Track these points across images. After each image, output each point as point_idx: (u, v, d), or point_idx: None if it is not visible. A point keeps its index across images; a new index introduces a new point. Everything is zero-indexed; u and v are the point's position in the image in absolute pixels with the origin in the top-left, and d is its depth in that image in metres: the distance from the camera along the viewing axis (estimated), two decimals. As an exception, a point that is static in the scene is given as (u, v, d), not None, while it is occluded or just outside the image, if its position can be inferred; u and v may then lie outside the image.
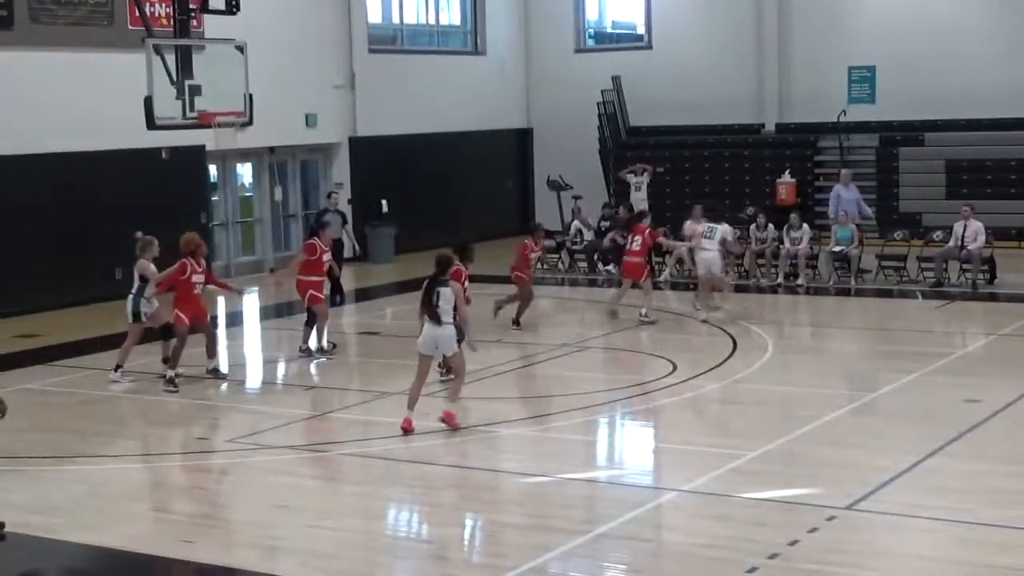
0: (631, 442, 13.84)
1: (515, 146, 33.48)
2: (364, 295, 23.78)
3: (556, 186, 29.21)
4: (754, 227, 23.58)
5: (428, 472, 12.09)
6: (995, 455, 12.06)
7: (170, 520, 10.95)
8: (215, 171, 26.00)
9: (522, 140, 33.66)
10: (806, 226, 23.20)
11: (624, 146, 31.02)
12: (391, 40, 30.90)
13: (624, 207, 24.54)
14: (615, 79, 31.42)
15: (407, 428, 13.00)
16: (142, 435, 14.09)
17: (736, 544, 9.65)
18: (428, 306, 13.00)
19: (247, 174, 27.42)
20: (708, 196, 28.63)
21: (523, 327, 18.85)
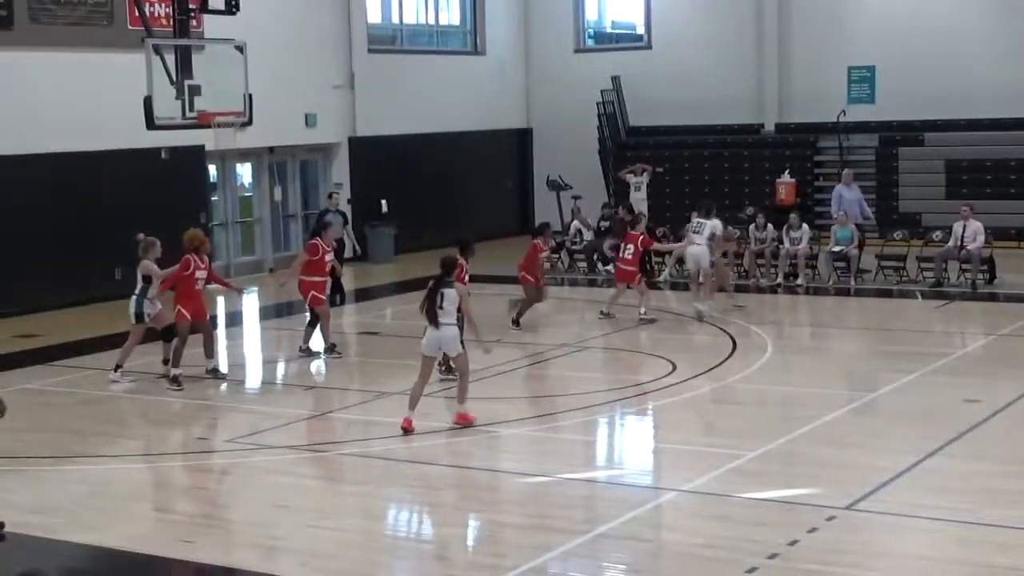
0: (631, 442, 13.84)
1: (515, 146, 33.47)
2: (364, 295, 23.78)
3: (556, 186, 29.20)
4: (753, 227, 23.60)
5: (428, 472, 12.09)
6: (995, 455, 12.07)
7: (170, 520, 10.95)
8: (215, 171, 25.99)
9: (522, 140, 33.66)
10: (806, 226, 23.21)
11: (624, 146, 31.02)
12: (391, 40, 30.90)
13: (624, 207, 24.51)
14: (615, 79, 31.42)
15: (407, 428, 13.00)
16: (142, 435, 14.09)
17: (736, 544, 9.65)
18: (431, 307, 13.01)
19: (247, 174, 27.42)
20: (708, 196, 28.67)
21: (523, 328, 18.86)
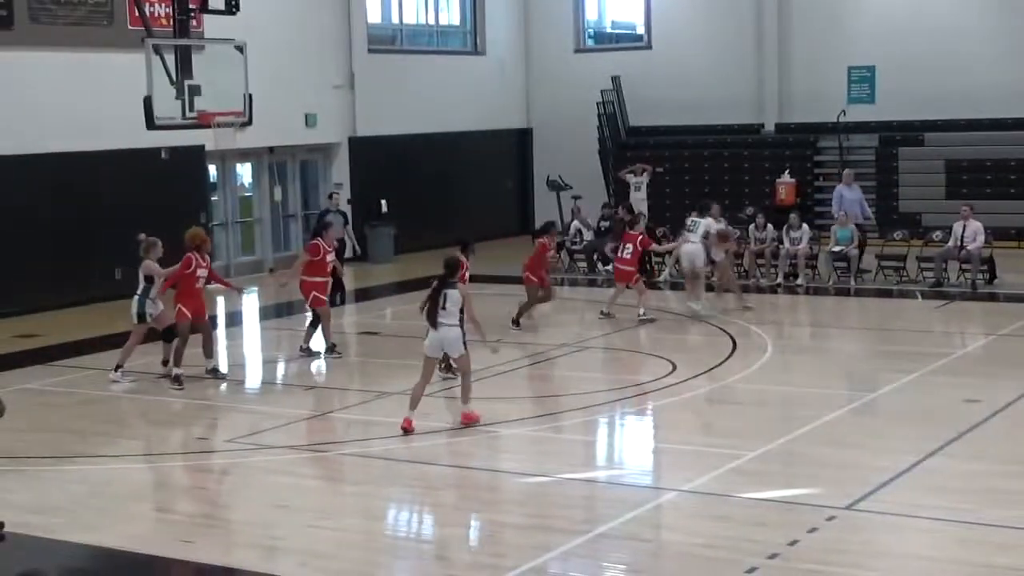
0: (631, 442, 13.84)
1: (515, 146, 33.48)
2: (364, 295, 23.78)
3: (556, 186, 29.19)
4: (753, 227, 23.59)
5: (428, 472, 12.09)
6: (995, 455, 12.07)
7: (170, 520, 10.95)
8: (215, 171, 25.99)
9: (522, 140, 33.66)
10: (805, 226, 23.21)
11: (624, 146, 31.02)
12: (391, 40, 30.90)
13: (624, 207, 24.51)
14: (615, 79, 31.42)
15: (407, 428, 13.00)
16: (142, 435, 14.09)
17: (736, 544, 9.65)
18: (432, 308, 13.03)
19: (247, 174, 27.42)
20: (708, 196, 28.68)
21: (523, 328, 18.85)
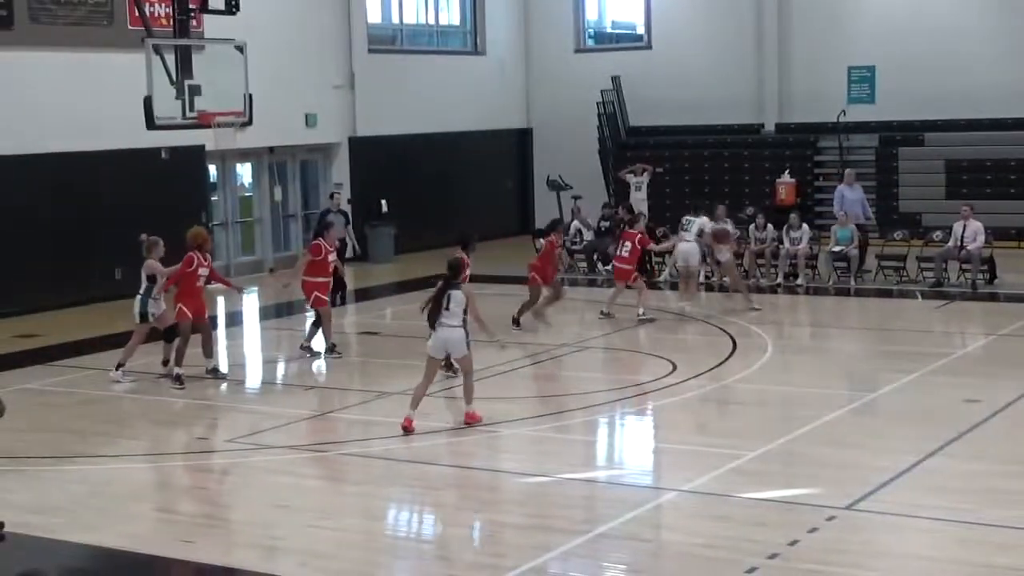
0: (631, 442, 13.84)
1: (515, 146, 33.48)
2: (364, 295, 23.77)
3: (556, 186, 29.19)
4: (753, 227, 23.59)
5: (428, 472, 12.09)
6: (995, 455, 12.07)
7: (170, 520, 10.95)
8: (215, 171, 26.00)
9: (522, 140, 33.66)
10: (806, 226, 23.21)
11: (624, 146, 31.02)
12: (391, 40, 30.90)
13: (624, 207, 24.52)
14: (615, 79, 31.42)
15: (407, 427, 13.00)
16: (142, 435, 14.06)
17: (736, 544, 9.65)
18: (435, 309, 13.07)
19: (247, 174, 27.42)
20: (708, 196, 28.67)
21: (523, 328, 18.81)
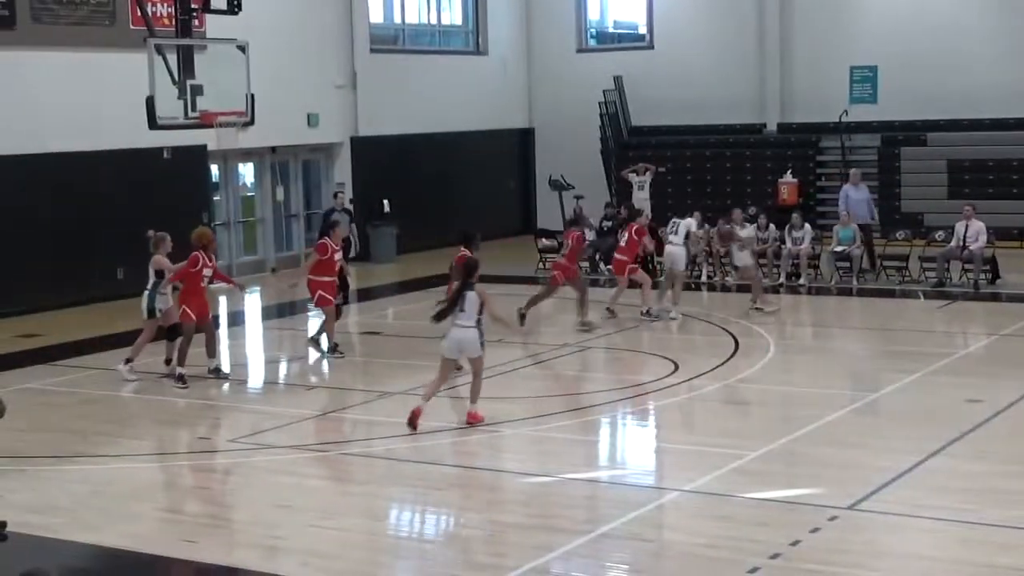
0: (633, 442, 13.84)
1: (517, 146, 33.47)
2: (366, 295, 23.76)
3: (558, 186, 29.17)
4: (756, 227, 23.57)
5: (430, 472, 12.08)
6: (997, 455, 12.06)
7: (172, 520, 10.95)
8: (217, 171, 26.00)
9: (524, 140, 33.65)
10: (808, 226, 23.23)
11: (626, 146, 31.01)
12: (392, 40, 30.90)
13: (625, 206, 24.50)
14: (617, 79, 31.41)
15: (415, 414, 12.99)
16: (144, 435, 14.05)
17: (738, 544, 9.64)
18: (447, 309, 13.18)
19: (249, 174, 27.44)
20: (710, 196, 28.72)
21: (526, 325, 18.53)
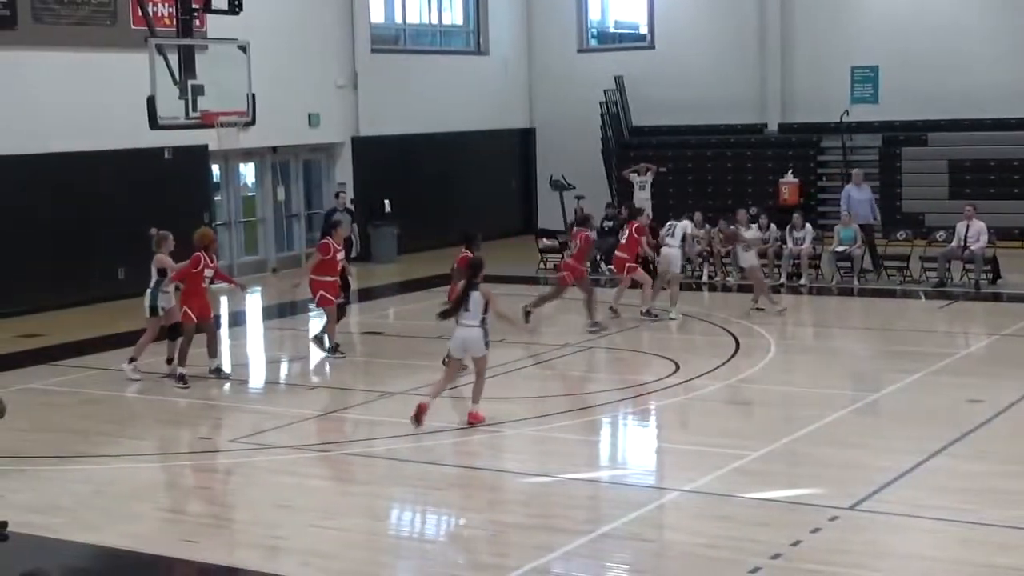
0: (634, 442, 13.85)
1: (518, 146, 33.46)
2: (367, 295, 23.76)
3: (559, 186, 29.20)
4: (756, 227, 23.53)
5: (431, 472, 12.09)
6: (997, 455, 12.06)
7: (173, 520, 10.95)
8: (218, 171, 25.99)
9: (525, 140, 33.64)
10: (809, 226, 23.23)
11: (627, 146, 31.00)
12: (394, 40, 30.90)
13: (626, 206, 24.50)
14: (618, 79, 31.41)
15: (421, 409, 13.01)
16: (145, 435, 14.05)
17: (739, 544, 9.65)
18: (453, 309, 13.26)
19: (250, 174, 27.44)
20: (711, 196, 28.75)
21: (531, 323, 18.49)
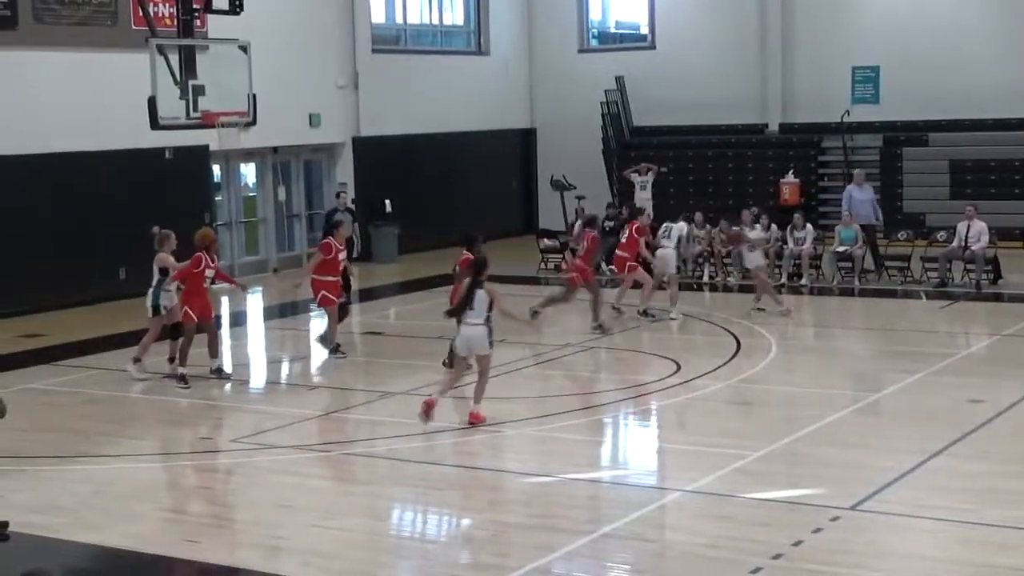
0: (635, 442, 13.84)
1: (519, 146, 33.45)
2: (368, 295, 23.76)
3: (560, 186, 29.20)
4: (758, 227, 23.53)
5: (432, 472, 12.09)
6: (998, 455, 12.06)
7: (174, 520, 10.95)
8: (219, 171, 25.99)
9: (525, 140, 33.64)
10: (809, 226, 23.23)
11: (628, 146, 31.00)
12: (394, 40, 30.90)
13: (626, 206, 24.50)
14: (619, 79, 31.41)
15: (429, 405, 13.03)
16: (146, 435, 14.05)
17: (740, 544, 9.65)
18: (462, 308, 13.30)
19: (251, 174, 27.44)
20: (712, 196, 28.75)
21: (538, 322, 18.19)
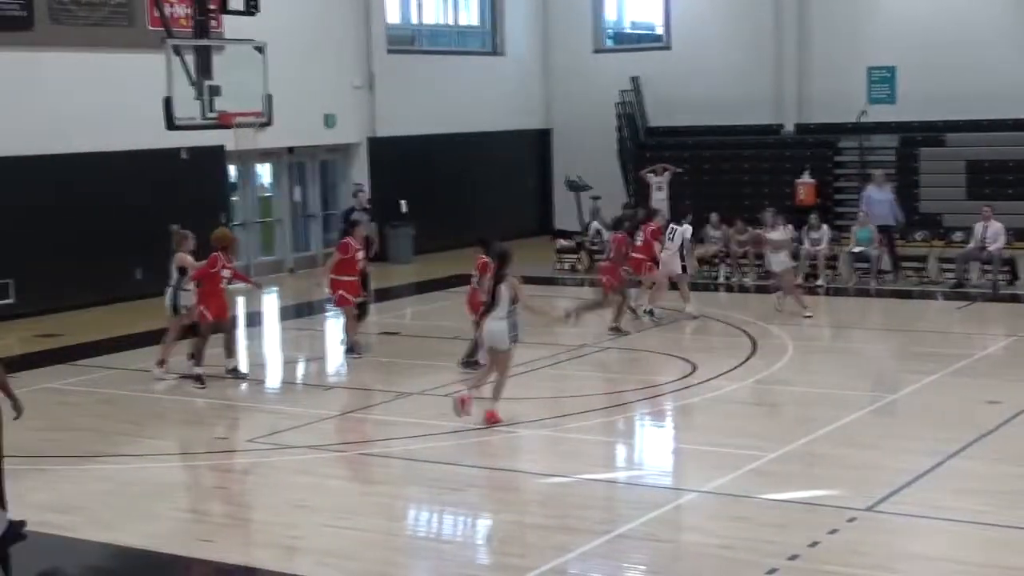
0: (650, 443, 13.83)
1: (534, 147, 33.45)
2: (384, 295, 23.76)
3: (575, 187, 29.19)
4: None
5: (447, 472, 12.08)
6: (1016, 457, 12.01)
7: (190, 519, 10.98)
8: (234, 171, 26.04)
9: (541, 141, 33.63)
10: (825, 227, 23.20)
11: (643, 146, 30.98)
12: (410, 41, 30.93)
13: (643, 208, 24.47)
14: (634, 79, 31.39)
15: (463, 401, 13.11)
16: (163, 434, 14.09)
17: (756, 545, 9.63)
18: (492, 303, 13.41)
19: (266, 174, 27.52)
20: (728, 197, 28.65)
21: (570, 321, 18.04)
